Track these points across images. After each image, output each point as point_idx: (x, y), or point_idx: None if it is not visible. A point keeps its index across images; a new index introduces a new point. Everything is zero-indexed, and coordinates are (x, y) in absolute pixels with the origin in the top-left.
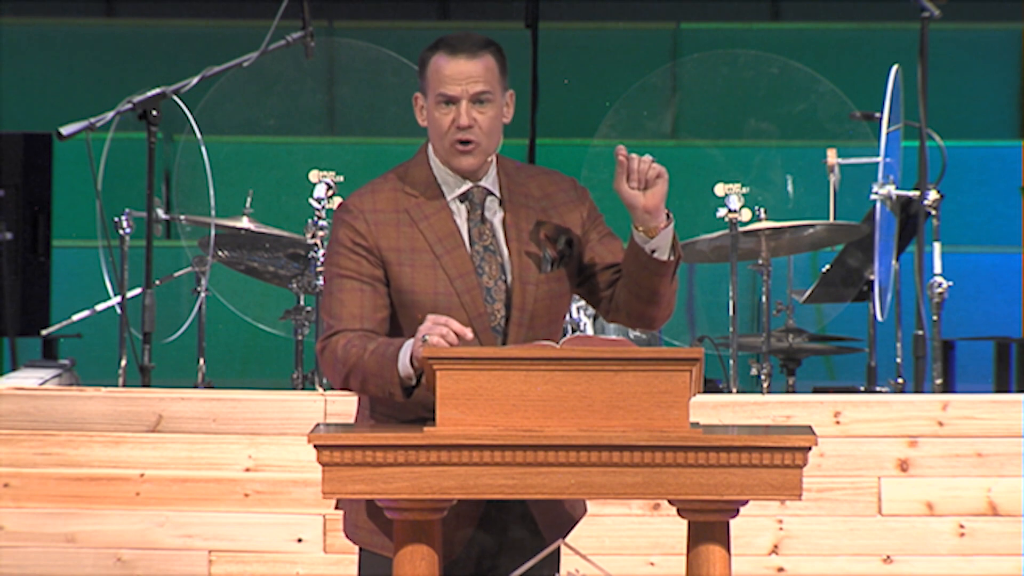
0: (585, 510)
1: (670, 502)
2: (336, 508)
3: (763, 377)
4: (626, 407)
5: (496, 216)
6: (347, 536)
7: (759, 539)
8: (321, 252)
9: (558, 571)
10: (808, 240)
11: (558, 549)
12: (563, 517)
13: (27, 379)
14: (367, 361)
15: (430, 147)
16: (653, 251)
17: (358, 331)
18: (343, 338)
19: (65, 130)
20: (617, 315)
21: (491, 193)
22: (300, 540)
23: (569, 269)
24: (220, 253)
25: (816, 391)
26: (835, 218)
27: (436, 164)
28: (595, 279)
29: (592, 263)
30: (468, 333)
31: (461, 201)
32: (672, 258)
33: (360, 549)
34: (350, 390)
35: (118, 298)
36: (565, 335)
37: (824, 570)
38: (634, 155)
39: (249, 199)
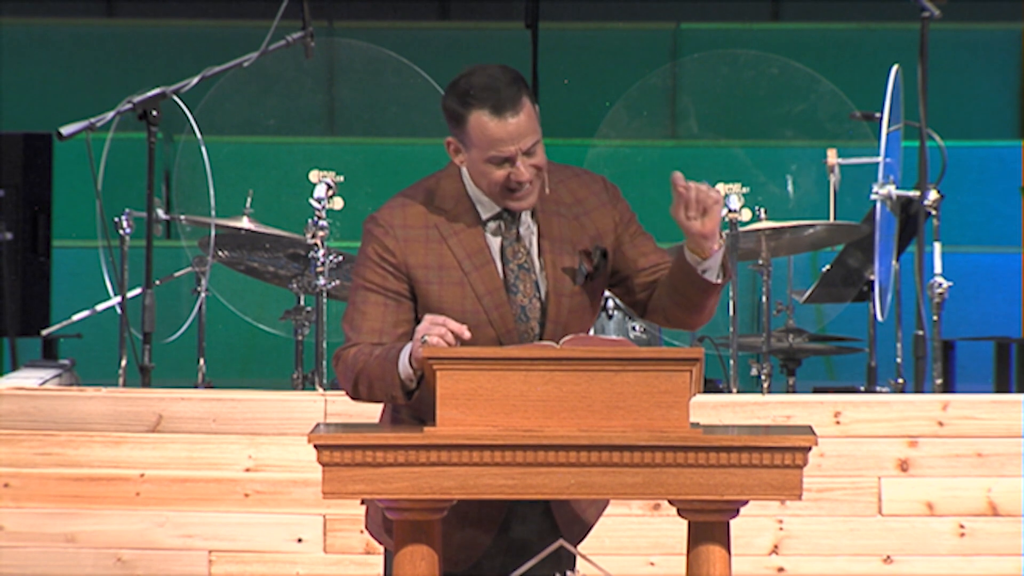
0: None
1: (670, 502)
2: (361, 503)
3: (763, 377)
4: (626, 407)
5: (530, 230)
6: (373, 536)
7: (759, 539)
8: (321, 252)
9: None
10: (808, 240)
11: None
12: (583, 521)
13: (27, 379)
14: (372, 365)
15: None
16: (704, 271)
17: (376, 345)
18: (355, 348)
19: (65, 130)
20: (655, 316)
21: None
22: (300, 540)
23: (601, 279)
24: (220, 253)
25: (816, 391)
26: (835, 218)
27: (470, 183)
28: (631, 281)
29: (627, 265)
30: (466, 332)
31: (496, 220)
32: (721, 280)
33: (386, 549)
34: (361, 398)
35: (118, 298)
36: None
37: (824, 570)
38: (691, 184)
39: (249, 199)
